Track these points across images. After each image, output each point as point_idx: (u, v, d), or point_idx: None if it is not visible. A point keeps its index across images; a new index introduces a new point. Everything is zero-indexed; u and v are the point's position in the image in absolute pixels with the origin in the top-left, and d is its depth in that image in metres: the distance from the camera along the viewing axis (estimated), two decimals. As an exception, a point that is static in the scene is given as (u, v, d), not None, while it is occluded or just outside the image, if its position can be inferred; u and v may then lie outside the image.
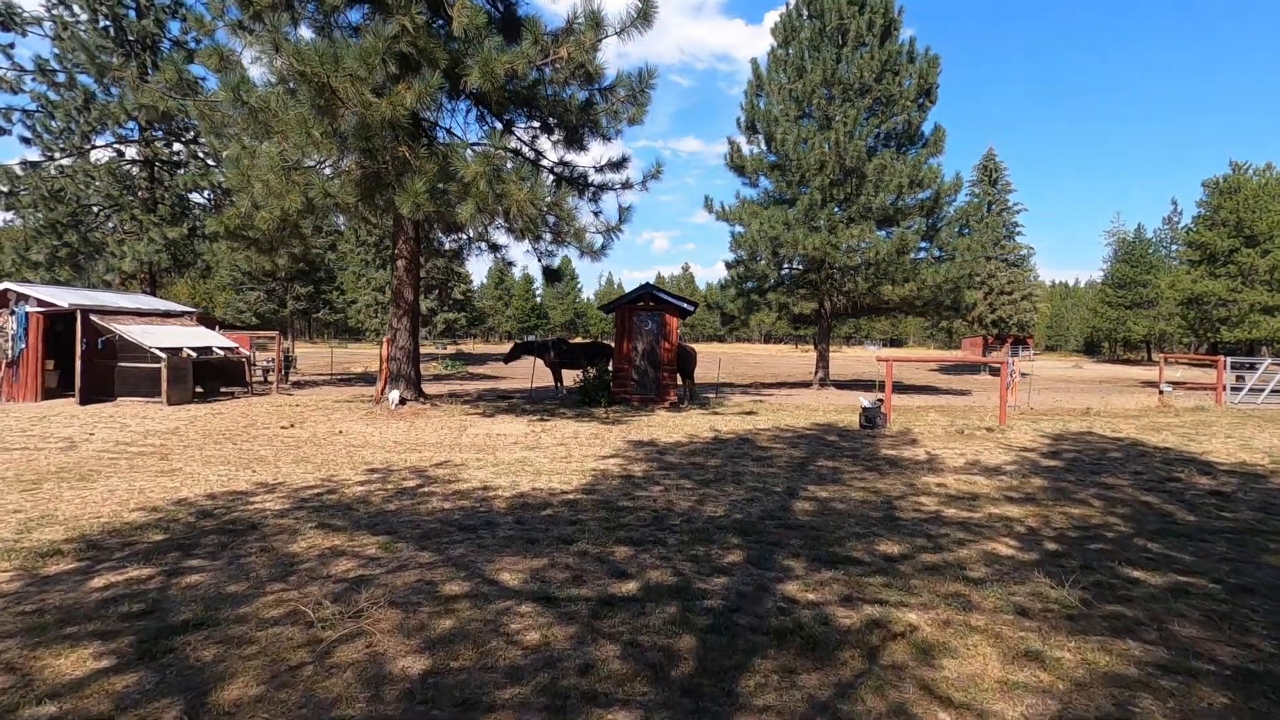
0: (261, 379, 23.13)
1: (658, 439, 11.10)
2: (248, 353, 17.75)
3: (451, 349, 57.35)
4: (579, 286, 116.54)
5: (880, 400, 13.08)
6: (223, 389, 17.71)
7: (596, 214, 14.72)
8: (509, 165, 10.93)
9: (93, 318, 14.59)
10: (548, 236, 13.35)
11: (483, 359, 48.33)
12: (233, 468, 8.29)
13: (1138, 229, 70.00)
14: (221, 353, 16.45)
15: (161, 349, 14.58)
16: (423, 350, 51.78)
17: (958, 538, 5.90)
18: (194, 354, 15.28)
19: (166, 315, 17.30)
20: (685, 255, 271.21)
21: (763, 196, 26.02)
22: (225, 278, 37.20)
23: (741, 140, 25.70)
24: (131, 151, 21.52)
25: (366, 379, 25.45)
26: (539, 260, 15.25)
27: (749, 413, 15.55)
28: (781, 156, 24.51)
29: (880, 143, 24.87)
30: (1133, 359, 73.92)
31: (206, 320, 22.08)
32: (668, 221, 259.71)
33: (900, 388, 21.73)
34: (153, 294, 21.63)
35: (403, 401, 13.84)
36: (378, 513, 6.19)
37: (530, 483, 7.63)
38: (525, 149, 15.11)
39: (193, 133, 19.50)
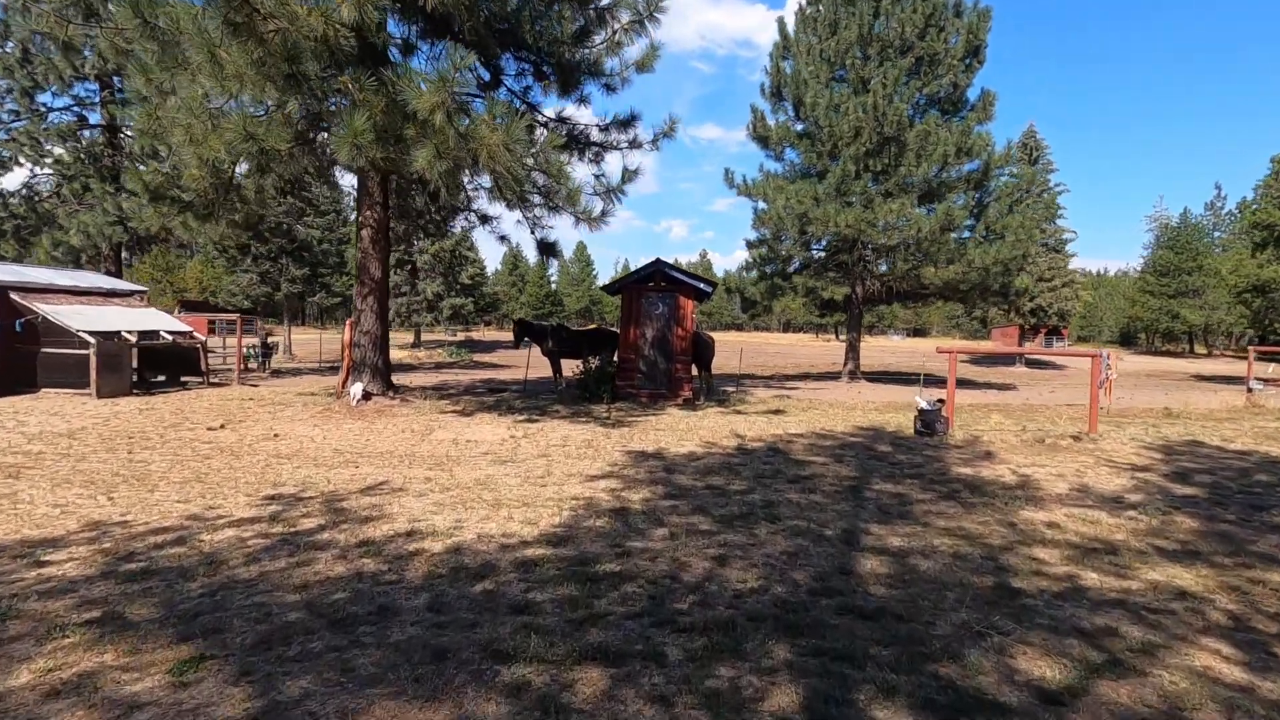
0: (258, 365, 21.23)
1: (666, 449, 8.86)
2: (202, 338, 15.59)
3: (461, 335, 55.59)
4: (594, 272, 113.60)
5: (940, 401, 10.74)
6: (183, 378, 15.70)
7: (598, 176, 12.38)
8: (479, 101, 8.72)
9: (11, 296, 12.52)
10: (537, 199, 11.11)
11: (491, 346, 46.45)
12: (89, 491, 6.16)
13: (1183, 213, 66.15)
14: (170, 337, 14.34)
15: (92, 333, 12.49)
16: (430, 337, 50.14)
17: (1134, 638, 3.66)
18: (133, 338, 13.21)
19: (110, 294, 15.16)
20: (703, 243, 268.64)
21: (789, 169, 23.48)
22: (224, 260, 35.37)
23: (765, 108, 23.18)
24: (95, 116, 19.59)
25: (354, 367, 23.41)
26: (531, 231, 12.96)
27: (776, 411, 13.27)
28: (811, 124, 21.96)
29: (922, 109, 22.21)
30: (1173, 350, 70.34)
31: (192, 305, 20.19)
32: (686, 209, 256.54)
33: (937, 381, 19.25)
34: (118, 273, 19.69)
35: (366, 396, 11.68)
36: (220, 586, 4.00)
37: (481, 522, 5.43)
38: (517, 102, 12.83)
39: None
